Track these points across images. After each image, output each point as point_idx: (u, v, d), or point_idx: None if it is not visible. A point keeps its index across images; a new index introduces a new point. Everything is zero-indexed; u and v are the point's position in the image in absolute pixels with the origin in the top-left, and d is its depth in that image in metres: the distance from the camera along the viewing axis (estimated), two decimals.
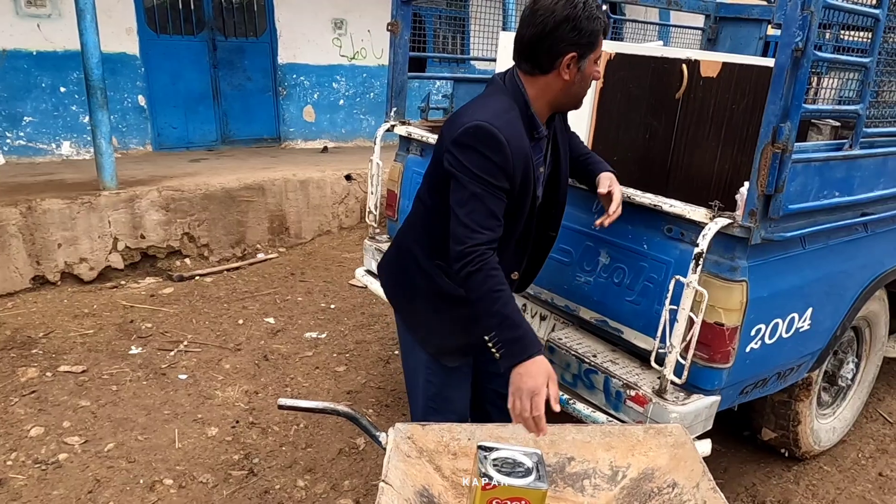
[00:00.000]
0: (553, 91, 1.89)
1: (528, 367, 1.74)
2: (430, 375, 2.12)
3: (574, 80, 1.87)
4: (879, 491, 2.91)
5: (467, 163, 1.77)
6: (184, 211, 5.18)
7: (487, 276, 1.76)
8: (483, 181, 1.77)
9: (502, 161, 1.77)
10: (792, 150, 1.92)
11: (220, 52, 7.60)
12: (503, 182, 1.79)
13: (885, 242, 2.68)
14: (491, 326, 1.79)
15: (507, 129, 1.80)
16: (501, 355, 1.78)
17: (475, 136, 1.77)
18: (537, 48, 1.82)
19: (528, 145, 1.86)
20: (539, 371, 1.75)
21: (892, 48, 2.24)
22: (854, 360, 3.11)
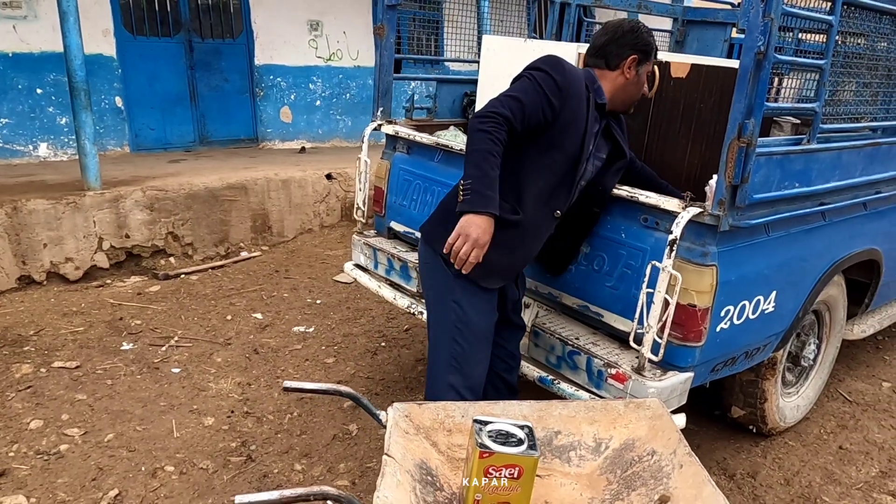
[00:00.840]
0: (615, 85, 2.33)
1: (482, 220, 2.03)
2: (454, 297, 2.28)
3: (631, 80, 2.33)
4: (840, 462, 3.13)
5: (532, 73, 2.16)
6: (168, 210, 5.25)
7: (491, 138, 2.05)
8: (538, 86, 2.13)
9: (562, 82, 2.14)
10: (756, 145, 2.11)
11: (196, 53, 7.64)
12: (555, 98, 2.13)
13: (841, 230, 2.90)
14: (472, 175, 2.06)
15: (572, 70, 2.21)
16: (465, 199, 2.05)
17: (546, 60, 2.20)
18: (608, 49, 2.31)
19: (584, 95, 2.22)
20: (488, 227, 2.05)
21: (844, 51, 2.45)
22: (816, 342, 3.33)
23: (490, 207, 2.03)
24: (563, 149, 2.22)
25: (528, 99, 2.11)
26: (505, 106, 2.09)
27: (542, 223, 2.32)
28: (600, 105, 2.30)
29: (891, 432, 3.39)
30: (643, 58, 2.33)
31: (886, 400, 3.71)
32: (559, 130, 2.19)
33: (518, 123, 2.10)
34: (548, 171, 2.23)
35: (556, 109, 2.15)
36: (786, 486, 2.94)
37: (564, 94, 2.15)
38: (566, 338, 2.60)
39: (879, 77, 2.71)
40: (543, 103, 2.13)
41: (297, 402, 3.42)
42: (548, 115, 2.14)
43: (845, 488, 2.94)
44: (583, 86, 2.22)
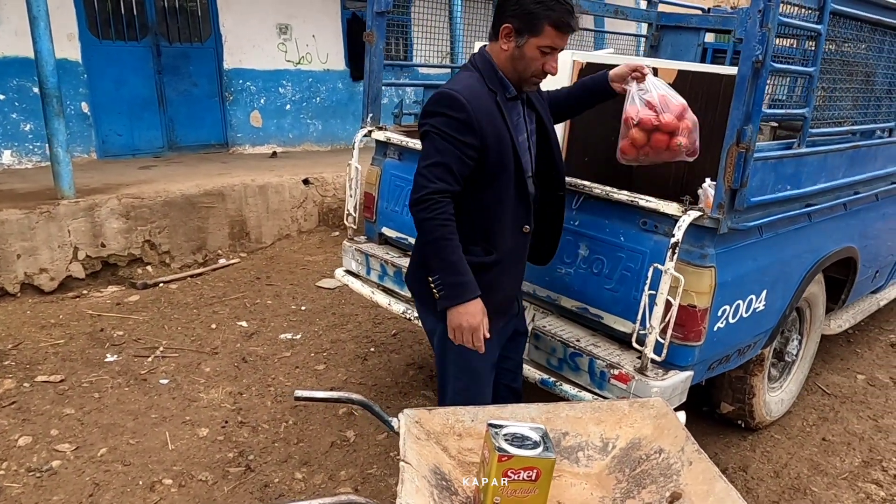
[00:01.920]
0: (500, 58, 2.10)
1: (468, 308, 2.03)
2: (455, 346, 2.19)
3: (512, 53, 2.05)
4: (824, 454, 3.24)
5: (435, 124, 2.02)
6: (144, 218, 5.16)
7: (439, 223, 1.99)
8: (448, 137, 2.00)
9: (466, 118, 1.99)
10: (754, 150, 2.18)
11: (164, 57, 7.51)
12: (469, 137, 2.01)
13: (824, 230, 3.01)
14: (436, 269, 2.05)
15: (467, 91, 2.03)
16: (441, 296, 2.05)
17: (439, 102, 2.04)
18: (495, 13, 2.08)
19: (493, 104, 2.07)
20: (477, 311, 2.05)
21: (832, 58, 2.55)
22: (798, 338, 3.45)
23: (468, 294, 2.02)
24: (506, 170, 2.11)
25: (447, 158, 1.99)
26: (433, 180, 1.99)
27: (517, 248, 2.26)
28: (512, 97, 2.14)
29: (869, 423, 3.52)
30: (524, 28, 2.00)
31: (862, 392, 3.85)
32: (493, 159, 2.08)
33: (456, 185, 2.02)
34: (503, 198, 2.14)
35: (477, 146, 2.02)
36: (776, 478, 3.03)
37: (475, 125, 2.00)
38: (567, 340, 2.64)
39: (859, 82, 2.83)
40: (462, 150, 2.00)
41: (292, 410, 3.41)
42: (473, 156, 2.03)
43: (832, 479, 3.05)
44: (485, 96, 2.06)
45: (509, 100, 2.14)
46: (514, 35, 2.02)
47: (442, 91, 2.04)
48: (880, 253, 3.74)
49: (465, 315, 2.03)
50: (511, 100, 2.15)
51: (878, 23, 2.74)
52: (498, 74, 2.11)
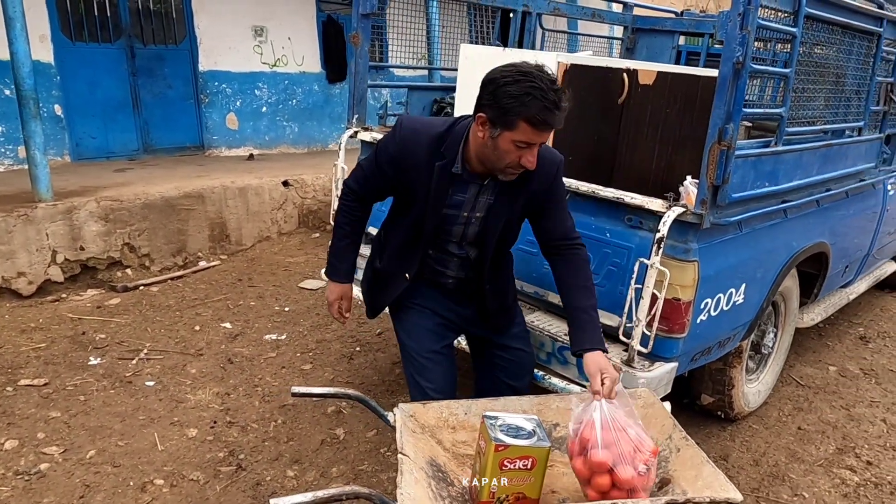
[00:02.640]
0: (475, 141, 2.04)
1: (330, 286, 2.49)
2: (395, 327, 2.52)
3: (486, 142, 1.97)
4: (801, 442, 3.35)
5: (384, 139, 2.25)
6: (123, 221, 5.12)
7: (341, 211, 2.37)
8: (377, 154, 2.23)
9: (394, 151, 2.16)
10: (735, 148, 2.27)
11: (138, 59, 7.45)
12: (388, 167, 2.19)
13: (798, 226, 3.12)
14: (330, 248, 2.49)
15: (411, 135, 2.13)
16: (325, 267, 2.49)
17: (396, 123, 2.22)
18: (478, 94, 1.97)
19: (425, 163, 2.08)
20: (334, 290, 2.49)
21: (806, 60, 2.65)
22: (774, 331, 3.56)
23: (333, 275, 2.47)
24: (412, 213, 2.21)
25: (368, 168, 2.28)
26: (353, 177, 2.34)
27: (392, 279, 2.38)
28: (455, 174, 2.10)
29: (841, 412, 3.65)
30: (498, 122, 1.90)
31: (834, 383, 3.98)
32: (402, 197, 2.26)
33: (364, 192, 2.33)
34: (401, 230, 2.31)
35: (390, 177, 2.20)
36: (755, 466, 3.13)
37: (397, 162, 2.14)
38: (555, 335, 2.71)
39: (830, 83, 2.94)
40: (378, 170, 2.23)
41: (280, 409, 3.42)
42: (383, 181, 2.24)
43: (808, 466, 3.16)
44: (427, 151, 2.08)
45: (453, 175, 2.10)
46: (489, 125, 1.94)
47: (400, 118, 2.22)
48: (850, 248, 3.88)
49: (328, 289, 2.51)
50: (454, 176, 2.10)
51: (848, 26, 2.86)
52: (458, 147, 2.08)
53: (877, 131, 3.63)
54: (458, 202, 2.18)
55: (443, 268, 2.36)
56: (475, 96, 2.01)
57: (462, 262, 2.34)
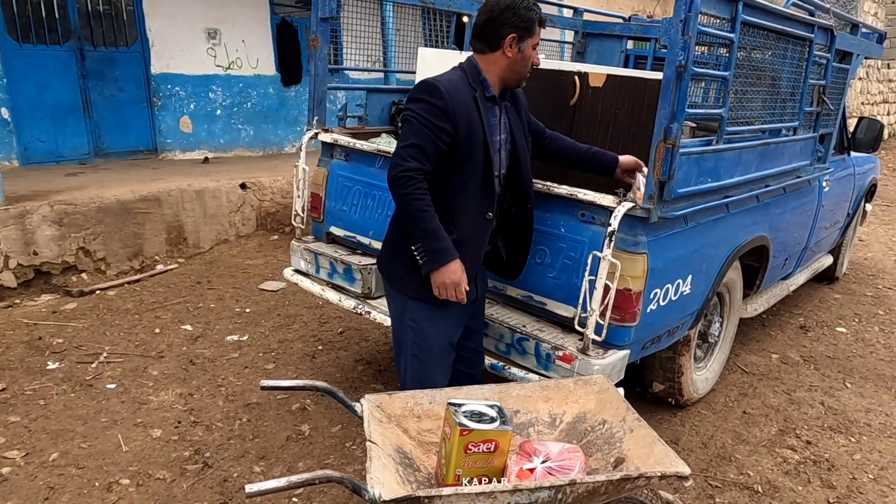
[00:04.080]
0: (500, 66, 2.35)
1: (449, 268, 2.28)
2: (411, 316, 2.46)
3: (516, 59, 2.33)
4: (746, 425, 3.54)
5: (416, 109, 2.26)
6: (78, 225, 5.06)
7: (415, 198, 2.22)
8: (426, 121, 2.23)
9: (443, 105, 2.23)
10: (679, 146, 2.42)
11: (88, 61, 7.34)
12: (445, 123, 2.24)
13: (739, 220, 3.30)
14: (417, 239, 2.29)
15: (448, 83, 2.28)
16: (424, 262, 2.29)
17: (421, 89, 2.28)
18: (487, 30, 2.31)
19: (471, 99, 2.30)
20: (457, 268, 2.30)
21: (744, 64, 2.82)
22: (719, 321, 3.75)
23: (447, 257, 2.27)
24: (474, 158, 2.32)
25: (423, 140, 2.22)
26: (408, 159, 2.22)
27: (478, 232, 2.45)
28: (490, 97, 2.37)
29: (783, 396, 3.85)
30: (523, 34, 2.31)
31: (776, 370, 4.20)
32: (464, 146, 2.29)
33: (428, 165, 2.24)
34: (469, 184, 2.35)
35: (451, 132, 2.25)
36: (704, 448, 3.30)
37: (450, 113, 2.23)
38: (514, 326, 2.82)
39: (767, 86, 3.13)
40: (437, 135, 2.23)
41: (245, 407, 3.46)
42: (447, 141, 2.25)
43: (753, 446, 3.34)
44: (465, 90, 2.30)
45: (487, 99, 2.36)
46: (516, 42, 2.30)
47: (425, 80, 2.30)
48: (789, 242, 4.10)
49: (448, 273, 2.28)
50: (489, 100, 2.37)
51: (782, 32, 3.05)
52: (480, 76, 2.35)
53: (811, 131, 3.86)
54: (495, 126, 2.40)
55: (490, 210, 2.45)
56: None
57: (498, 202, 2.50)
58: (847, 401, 3.85)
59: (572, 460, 2.10)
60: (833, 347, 4.58)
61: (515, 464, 2.11)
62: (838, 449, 3.36)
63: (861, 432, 3.52)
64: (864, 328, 4.97)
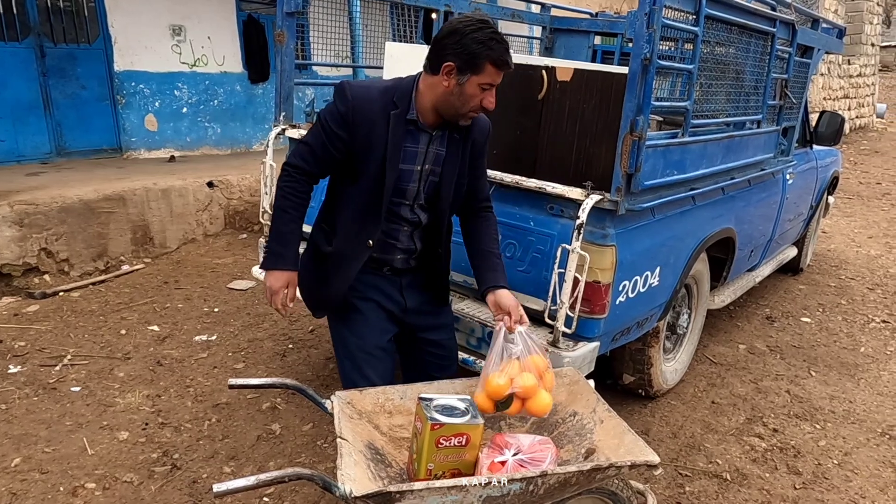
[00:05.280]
0: (435, 92, 2.11)
1: (273, 274, 2.25)
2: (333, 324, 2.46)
3: (452, 90, 2.07)
4: (714, 415, 3.59)
5: (324, 110, 2.18)
6: (39, 226, 4.94)
7: (283, 194, 2.20)
8: (324, 124, 2.15)
9: (344, 111, 2.10)
10: (646, 138, 2.44)
11: (49, 59, 7.16)
12: (341, 130, 2.12)
13: (706, 213, 3.34)
14: (269, 235, 2.28)
15: (362, 90, 2.13)
16: (263, 259, 2.32)
17: (335, 90, 2.17)
18: (433, 49, 2.10)
19: (381, 114, 2.11)
20: (280, 278, 2.25)
21: (708, 57, 2.86)
22: (688, 312, 3.79)
23: (279, 264, 2.24)
24: (365, 177, 2.17)
25: (315, 140, 2.15)
26: (297, 155, 2.18)
27: (351, 254, 2.27)
28: (411, 120, 2.15)
29: (750, 386, 3.92)
30: (465, 67, 2.03)
31: (744, 360, 4.27)
32: (357, 161, 2.15)
33: (313, 168, 2.18)
34: (355, 202, 2.22)
35: (347, 141, 2.12)
36: (674, 438, 3.34)
37: (350, 122, 2.09)
38: (484, 320, 2.82)
39: (731, 80, 3.18)
40: (332, 140, 2.12)
41: (214, 408, 3.41)
42: (340, 149, 2.13)
43: (721, 435, 3.39)
44: (380, 103, 2.12)
45: (408, 122, 2.15)
46: (456, 73, 2.04)
47: (342, 82, 2.17)
48: (754, 234, 4.17)
49: (270, 279, 2.25)
50: (410, 123, 2.16)
51: (745, 26, 3.09)
52: (410, 95, 2.15)
53: (774, 124, 3.92)
54: (412, 154, 2.19)
55: (393, 240, 2.30)
56: None
57: (413, 231, 2.32)
58: (812, 389, 3.92)
59: (543, 452, 2.10)
60: (798, 337, 4.67)
61: (487, 457, 2.10)
62: (804, 436, 3.42)
63: (826, 419, 3.60)
64: (828, 318, 5.07)
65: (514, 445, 2.11)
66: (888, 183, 10.74)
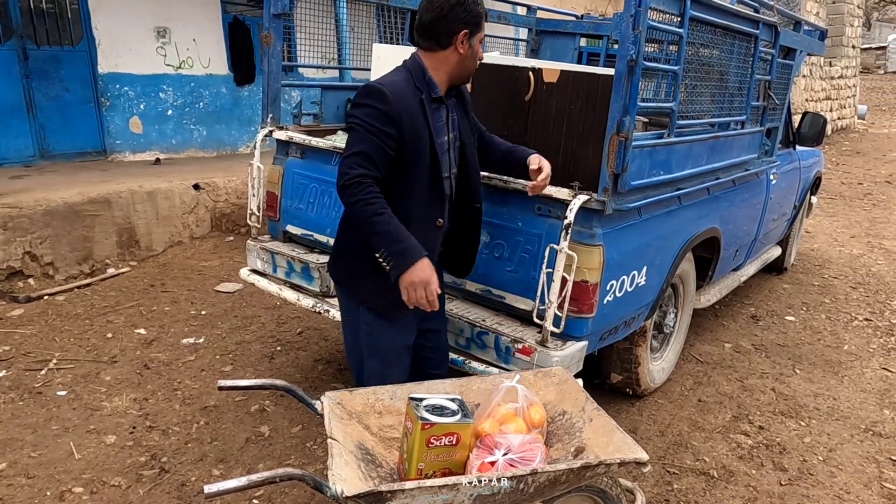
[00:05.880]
0: (450, 63, 2.31)
1: (416, 267, 2.15)
2: (364, 319, 2.44)
3: (466, 54, 2.31)
4: (701, 413, 3.62)
5: (360, 115, 2.20)
6: (23, 229, 4.90)
7: (367, 203, 2.13)
8: (371, 127, 2.16)
9: (387, 109, 2.17)
10: (632, 139, 2.46)
11: (32, 61, 7.11)
12: (389, 128, 2.18)
13: (692, 213, 3.37)
14: (377, 244, 2.17)
15: (393, 87, 2.22)
16: (391, 266, 2.16)
17: (365, 94, 2.22)
18: (436, 28, 2.26)
19: (417, 102, 2.25)
20: (426, 267, 2.17)
21: (692, 59, 2.89)
22: (674, 312, 3.82)
23: (413, 255, 2.15)
24: (420, 163, 2.27)
25: (369, 147, 2.15)
26: (355, 167, 2.14)
27: (428, 239, 2.34)
28: (437, 98, 2.32)
29: (736, 384, 3.95)
30: (474, 29, 2.29)
31: (729, 358, 4.31)
32: (409, 151, 2.24)
33: (376, 172, 2.17)
34: (416, 189, 2.30)
35: (396, 137, 2.19)
36: (661, 436, 3.36)
37: (396, 118, 2.17)
38: (473, 321, 2.83)
39: (715, 81, 3.21)
40: (384, 140, 2.17)
41: (202, 411, 3.40)
42: (393, 146, 2.19)
43: (708, 433, 3.42)
44: (411, 93, 2.25)
45: (434, 100, 2.31)
46: (468, 37, 2.28)
47: (369, 84, 2.24)
48: (739, 233, 4.21)
49: (416, 273, 2.15)
50: (436, 101, 2.32)
51: (728, 28, 3.13)
52: (426, 77, 2.29)
53: (758, 125, 3.97)
54: (441, 128, 2.35)
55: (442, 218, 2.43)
56: None
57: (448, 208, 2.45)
58: (797, 386, 3.96)
59: (533, 451, 2.11)
60: (783, 336, 4.72)
61: (477, 457, 2.11)
62: (789, 433, 3.46)
63: (810, 416, 3.64)
64: (812, 316, 5.13)
65: (504, 445, 2.12)
66: (869, 183, 10.88)
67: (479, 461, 2.09)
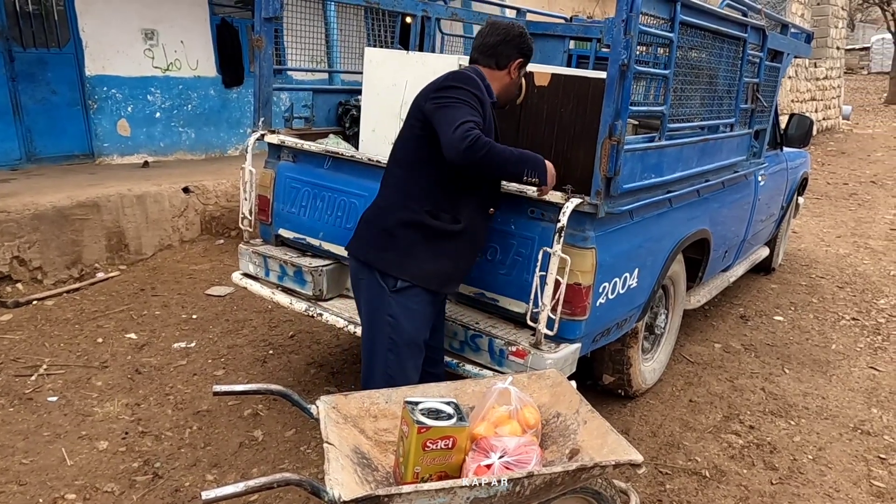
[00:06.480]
0: (501, 84, 2.59)
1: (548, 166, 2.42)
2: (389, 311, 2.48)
3: (514, 80, 2.62)
4: (692, 413, 3.65)
5: (452, 95, 2.34)
6: (11, 233, 4.86)
7: (491, 148, 2.24)
8: (466, 102, 2.32)
9: (480, 94, 2.39)
10: (624, 142, 2.48)
11: (18, 63, 7.05)
12: (480, 108, 2.36)
13: (682, 214, 3.40)
14: (522, 171, 2.35)
15: (475, 77, 2.46)
16: (530, 166, 2.36)
17: (456, 77, 2.42)
18: (498, 50, 2.54)
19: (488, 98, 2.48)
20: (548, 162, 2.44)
21: (683, 63, 2.91)
22: (665, 313, 3.85)
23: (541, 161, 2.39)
24: None
25: (473, 116, 2.29)
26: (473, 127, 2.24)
27: (479, 225, 2.58)
28: (493, 103, 2.56)
29: (727, 384, 3.99)
30: (525, 61, 2.61)
31: (719, 359, 4.35)
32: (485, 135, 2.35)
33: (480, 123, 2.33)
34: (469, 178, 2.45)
35: (480, 120, 2.35)
36: (653, 437, 3.39)
37: (484, 102, 2.41)
38: (467, 323, 2.85)
39: (705, 84, 3.24)
40: (477, 115, 2.34)
41: (195, 415, 3.39)
42: (480, 125, 2.34)
43: (699, 433, 3.45)
44: (485, 90, 2.47)
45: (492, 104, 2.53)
46: (520, 67, 2.60)
47: (459, 71, 2.48)
48: (728, 235, 4.25)
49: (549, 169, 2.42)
50: (492, 105, 2.54)
51: (717, 32, 3.15)
52: (486, 82, 2.51)
53: (746, 127, 4.00)
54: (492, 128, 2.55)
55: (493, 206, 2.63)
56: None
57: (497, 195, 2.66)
58: (786, 386, 4.00)
59: (529, 454, 2.12)
60: (771, 335, 4.77)
61: (473, 461, 2.12)
62: (779, 432, 3.50)
63: (800, 415, 3.68)
64: (800, 316, 5.18)
65: (500, 448, 2.13)
66: (854, 183, 10.99)
67: (475, 464, 2.10)
